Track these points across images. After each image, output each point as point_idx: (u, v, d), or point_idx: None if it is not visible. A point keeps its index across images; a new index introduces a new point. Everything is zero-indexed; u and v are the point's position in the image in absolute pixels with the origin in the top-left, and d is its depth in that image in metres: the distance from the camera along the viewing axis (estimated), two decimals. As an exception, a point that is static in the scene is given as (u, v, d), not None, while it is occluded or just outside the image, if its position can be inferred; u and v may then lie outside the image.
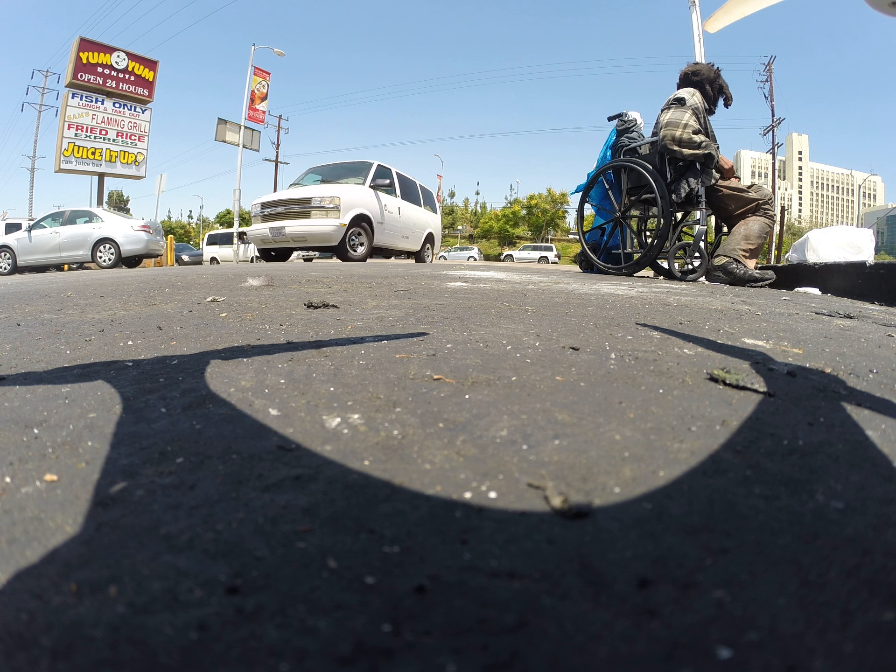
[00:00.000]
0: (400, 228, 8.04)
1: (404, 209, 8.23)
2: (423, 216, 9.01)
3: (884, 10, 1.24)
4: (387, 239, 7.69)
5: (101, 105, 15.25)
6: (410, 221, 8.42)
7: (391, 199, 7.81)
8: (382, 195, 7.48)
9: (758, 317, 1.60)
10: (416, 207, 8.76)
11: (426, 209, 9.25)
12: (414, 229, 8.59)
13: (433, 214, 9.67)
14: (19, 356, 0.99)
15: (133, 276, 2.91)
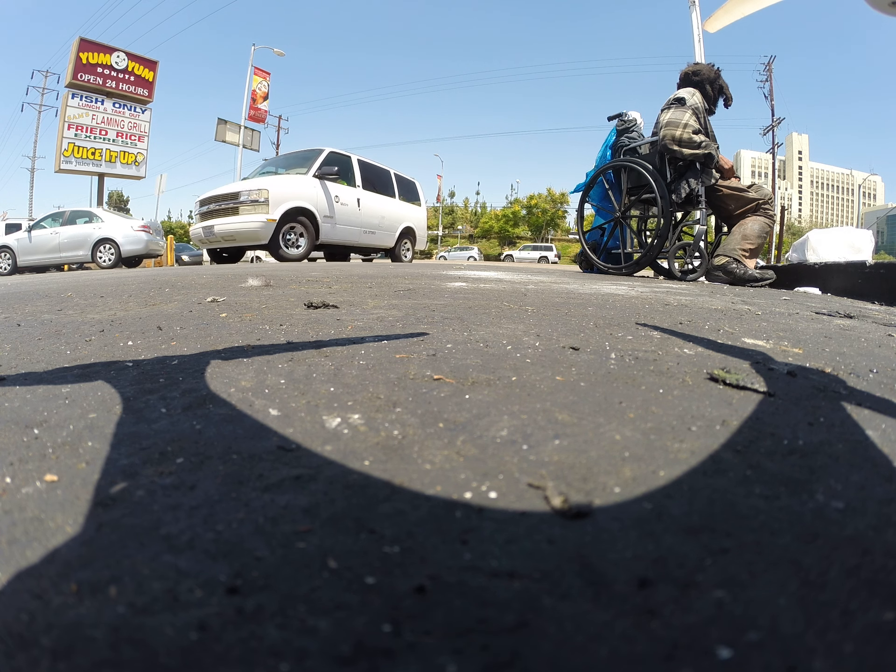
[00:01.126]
0: (361, 222, 7.17)
1: (367, 201, 7.29)
2: (396, 209, 8.08)
3: (884, 10, 1.24)
4: (341, 235, 6.84)
5: (100, 105, 15.25)
6: (376, 214, 7.50)
7: (347, 189, 6.92)
8: (333, 186, 6.62)
9: (758, 316, 1.60)
10: (388, 199, 7.88)
11: (403, 201, 8.33)
12: (383, 223, 7.67)
13: (414, 207, 8.70)
14: (19, 356, 0.99)
15: (133, 277, 2.91)
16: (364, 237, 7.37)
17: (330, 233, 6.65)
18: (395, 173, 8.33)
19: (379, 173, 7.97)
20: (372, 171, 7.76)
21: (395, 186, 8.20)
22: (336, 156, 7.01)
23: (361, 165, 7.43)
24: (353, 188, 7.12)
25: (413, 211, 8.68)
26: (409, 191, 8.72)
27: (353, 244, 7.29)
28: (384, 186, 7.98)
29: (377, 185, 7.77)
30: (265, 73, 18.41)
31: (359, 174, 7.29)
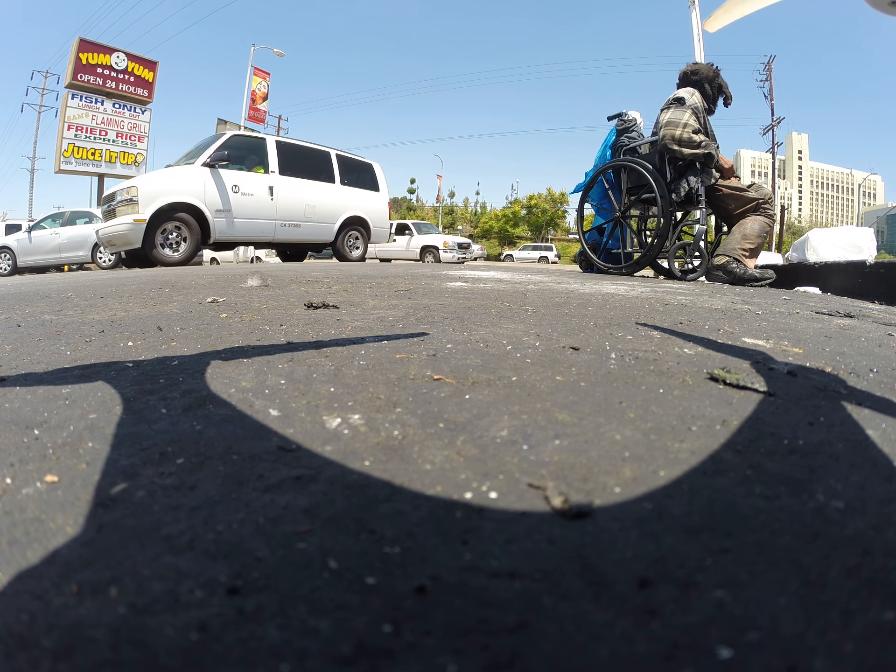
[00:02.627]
0: (277, 214, 6.17)
1: (286, 189, 6.23)
2: (336, 196, 6.83)
3: (883, 10, 1.24)
4: (244, 230, 5.91)
5: (100, 106, 15.25)
6: (301, 204, 6.39)
7: (254, 177, 6.00)
8: (232, 174, 5.75)
9: (758, 316, 1.60)
10: (322, 185, 6.70)
11: (349, 187, 7.07)
12: (313, 214, 6.52)
13: (368, 193, 7.37)
14: (20, 357, 0.99)
15: (133, 277, 2.92)
16: (283, 231, 6.31)
17: (226, 229, 5.72)
18: (338, 154, 7.10)
19: (310, 156, 6.82)
20: (298, 154, 6.65)
21: (335, 170, 6.92)
22: (242, 139, 6.25)
23: (281, 148, 6.39)
24: (263, 175, 6.11)
25: (366, 198, 7.32)
26: (360, 175, 7.40)
27: (265, 240, 6.31)
28: (317, 171, 6.75)
29: (305, 170, 6.59)
30: (265, 73, 18.42)
31: (275, 158, 6.23)
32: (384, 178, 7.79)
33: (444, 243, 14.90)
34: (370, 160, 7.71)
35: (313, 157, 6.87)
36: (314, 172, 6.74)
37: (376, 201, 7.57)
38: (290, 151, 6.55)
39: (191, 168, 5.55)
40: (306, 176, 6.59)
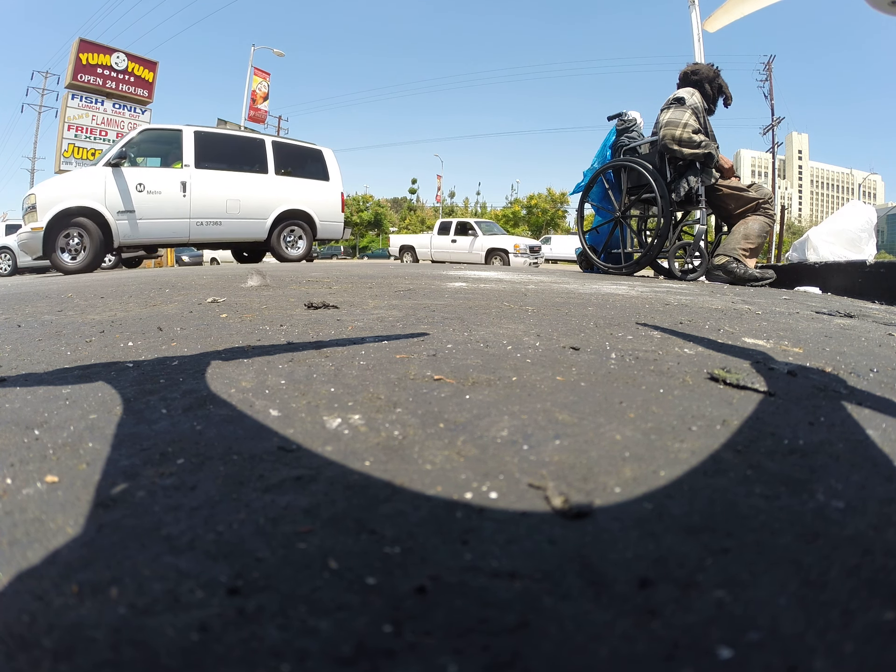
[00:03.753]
0: (191, 212, 5.57)
1: (204, 183, 5.61)
2: (269, 188, 6.08)
3: (883, 10, 1.24)
4: (151, 231, 5.39)
5: (100, 106, 15.25)
6: (222, 198, 5.74)
7: (164, 172, 5.49)
8: (138, 171, 5.29)
9: (758, 316, 1.60)
10: (250, 176, 5.99)
11: (289, 177, 6.32)
12: (238, 210, 5.84)
13: (315, 184, 6.49)
14: (20, 357, 0.99)
15: (133, 277, 2.92)
16: (201, 231, 5.67)
17: (130, 232, 5.25)
18: (275, 142, 6.39)
19: (239, 145, 6.18)
20: (223, 144, 6.03)
21: (269, 159, 6.15)
22: (156, 133, 5.72)
23: (201, 139, 5.73)
24: (175, 170, 5.54)
25: (311, 189, 6.42)
26: (305, 164, 6.57)
27: (179, 241, 5.73)
28: (246, 161, 6.08)
29: (231, 161, 5.96)
30: (265, 73, 18.42)
31: (191, 151, 5.60)
32: (337, 166, 6.77)
33: (514, 246, 12.68)
34: (320, 146, 6.77)
35: (243, 146, 6.18)
36: (242, 163, 6.05)
37: (325, 192, 6.56)
38: (213, 142, 5.90)
39: (92, 170, 5.22)
40: (232, 168, 5.91)
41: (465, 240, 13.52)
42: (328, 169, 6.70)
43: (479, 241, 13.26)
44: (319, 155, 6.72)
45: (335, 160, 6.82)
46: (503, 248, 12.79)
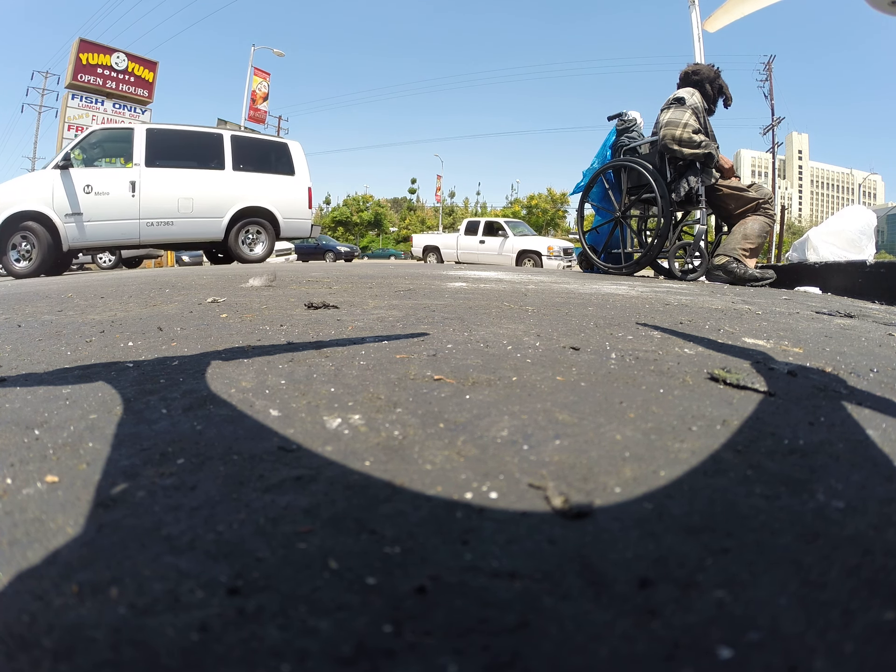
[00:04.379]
0: (141, 212, 5.35)
1: (154, 182, 5.41)
2: (226, 185, 5.78)
3: (883, 10, 1.24)
4: (99, 233, 5.21)
5: (100, 106, 15.25)
6: (171, 198, 5.52)
7: (113, 172, 5.31)
8: (86, 173, 5.15)
9: (758, 316, 1.60)
10: (206, 173, 5.73)
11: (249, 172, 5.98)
12: (191, 208, 5.60)
13: (279, 179, 6.18)
14: (20, 357, 0.99)
15: (133, 277, 2.92)
16: (151, 231, 5.46)
17: (78, 235, 5.12)
18: (234, 136, 6.06)
19: (194, 141, 5.88)
20: (177, 140, 5.78)
21: (227, 154, 5.85)
22: (107, 133, 5.57)
23: (153, 137, 5.52)
24: (124, 169, 5.35)
25: (273, 185, 6.10)
26: (267, 158, 6.22)
27: (129, 243, 5.51)
28: (202, 158, 5.80)
29: (185, 158, 5.74)
30: (265, 73, 18.43)
31: (141, 149, 5.39)
32: (304, 160, 6.38)
33: (548, 248, 11.82)
34: (287, 139, 6.49)
35: (198, 142, 5.87)
36: (197, 160, 5.79)
37: (290, 188, 6.19)
38: (166, 139, 5.65)
39: (41, 173, 5.14)
40: (185, 165, 5.69)
41: (495, 241, 12.72)
42: (294, 163, 6.29)
43: (510, 243, 12.42)
44: (284, 149, 6.32)
45: (302, 154, 6.42)
46: (536, 250, 11.94)
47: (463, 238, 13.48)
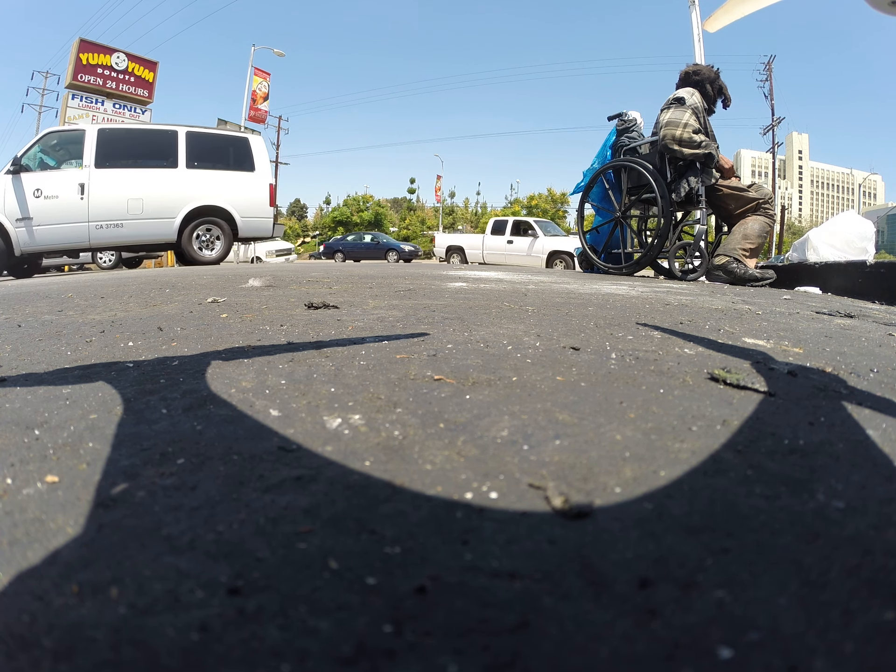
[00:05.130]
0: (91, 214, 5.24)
1: (104, 183, 5.25)
2: (178, 184, 5.57)
3: (883, 10, 1.24)
4: (49, 237, 5.15)
5: (101, 106, 15.25)
6: (121, 199, 5.33)
7: (62, 175, 5.21)
8: (36, 177, 5.09)
9: (758, 316, 1.60)
10: (158, 172, 5.54)
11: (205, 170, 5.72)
12: (142, 209, 5.40)
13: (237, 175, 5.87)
14: (20, 357, 0.99)
15: (133, 277, 2.92)
16: (101, 234, 5.32)
17: (29, 239, 5.05)
18: (190, 132, 5.78)
19: (146, 140, 5.67)
20: (129, 140, 5.60)
21: (180, 152, 5.63)
22: (59, 135, 5.46)
23: (104, 137, 5.37)
24: (74, 172, 5.24)
25: (230, 182, 5.80)
26: (224, 154, 5.91)
27: (79, 247, 5.42)
28: (154, 156, 5.60)
29: (137, 158, 5.55)
30: (265, 73, 18.43)
31: (92, 151, 5.27)
32: (266, 155, 6.10)
33: None
34: (247, 133, 6.11)
35: (151, 140, 5.67)
36: (150, 159, 5.60)
37: (249, 185, 5.86)
38: (117, 140, 5.49)
39: None
40: (137, 165, 5.50)
41: (524, 241, 12.14)
42: (254, 159, 5.96)
43: (540, 243, 11.80)
44: (244, 143, 6.01)
45: (264, 149, 6.15)
46: (568, 251, 11.22)
47: (490, 238, 12.91)
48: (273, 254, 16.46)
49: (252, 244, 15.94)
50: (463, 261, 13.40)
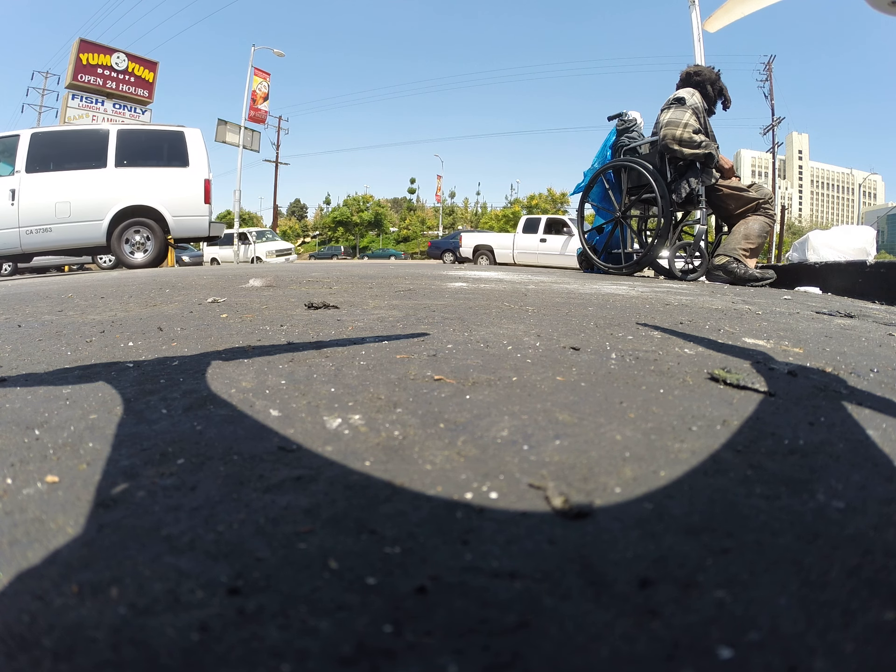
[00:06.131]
0: (23, 221, 5.18)
1: (35, 188, 5.20)
2: (106, 185, 5.37)
3: (883, 10, 1.24)
4: None
5: (101, 106, 15.25)
6: (50, 203, 5.23)
7: None
8: None
9: (758, 316, 1.60)
10: (86, 173, 5.37)
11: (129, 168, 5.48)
12: (70, 213, 5.28)
13: (169, 172, 5.60)
14: (20, 357, 0.99)
15: (133, 278, 2.92)
16: (32, 239, 5.25)
17: None
18: (120, 130, 5.61)
19: (78, 141, 5.54)
20: (62, 142, 5.50)
21: (110, 151, 5.43)
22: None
23: (36, 141, 5.29)
24: (6, 178, 5.18)
25: (161, 180, 5.54)
26: (158, 151, 5.66)
27: (10, 252, 5.36)
28: (85, 157, 5.44)
29: (68, 160, 5.43)
30: (265, 73, 18.41)
31: (24, 156, 5.20)
32: (203, 149, 5.73)
33: None
34: (183, 127, 5.80)
35: (82, 141, 5.53)
36: (81, 160, 5.44)
37: (182, 182, 5.56)
38: (49, 143, 5.42)
39: None
40: (68, 167, 5.38)
41: (558, 239, 11.42)
42: (188, 153, 5.62)
43: (574, 242, 10.82)
44: (179, 138, 5.67)
45: (201, 142, 5.75)
46: None
47: (521, 237, 12.23)
48: (273, 254, 16.48)
49: (252, 244, 15.96)
50: (491, 262, 12.72)
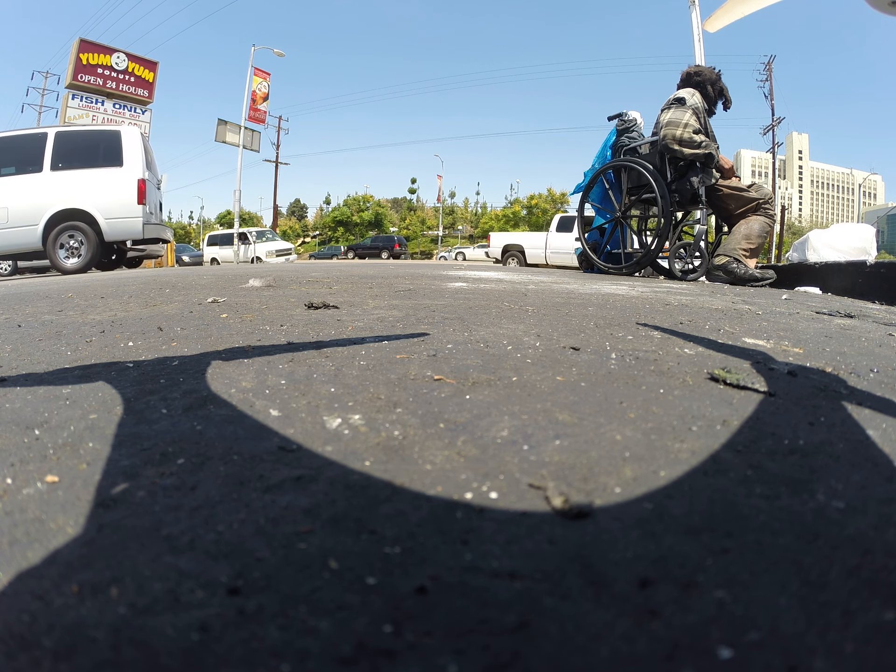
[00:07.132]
0: None
1: None
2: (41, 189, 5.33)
3: (883, 10, 1.24)
4: None
5: (101, 106, 15.25)
6: None
7: None
8: None
9: (758, 316, 1.60)
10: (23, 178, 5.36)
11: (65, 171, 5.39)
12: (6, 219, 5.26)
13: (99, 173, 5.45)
14: (20, 357, 0.99)
15: (134, 277, 2.92)
16: None
17: None
18: (57, 132, 5.55)
19: (19, 146, 5.47)
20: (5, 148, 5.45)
21: (47, 154, 5.38)
22: None
23: None
24: None
25: (96, 182, 5.40)
26: (94, 152, 5.53)
27: None
28: (24, 162, 5.40)
29: (9, 165, 5.41)
30: (265, 73, 18.41)
31: None
32: (139, 147, 5.56)
33: None
34: (120, 126, 5.75)
35: (20, 146, 5.45)
36: (20, 165, 5.40)
37: (115, 183, 5.41)
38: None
39: None
40: (6, 172, 5.36)
41: None
42: (123, 153, 5.45)
43: None
44: (114, 137, 5.53)
45: (138, 140, 5.60)
46: None
47: (554, 236, 11.59)
48: (273, 254, 16.50)
49: (252, 244, 15.95)
50: (521, 262, 12.16)
